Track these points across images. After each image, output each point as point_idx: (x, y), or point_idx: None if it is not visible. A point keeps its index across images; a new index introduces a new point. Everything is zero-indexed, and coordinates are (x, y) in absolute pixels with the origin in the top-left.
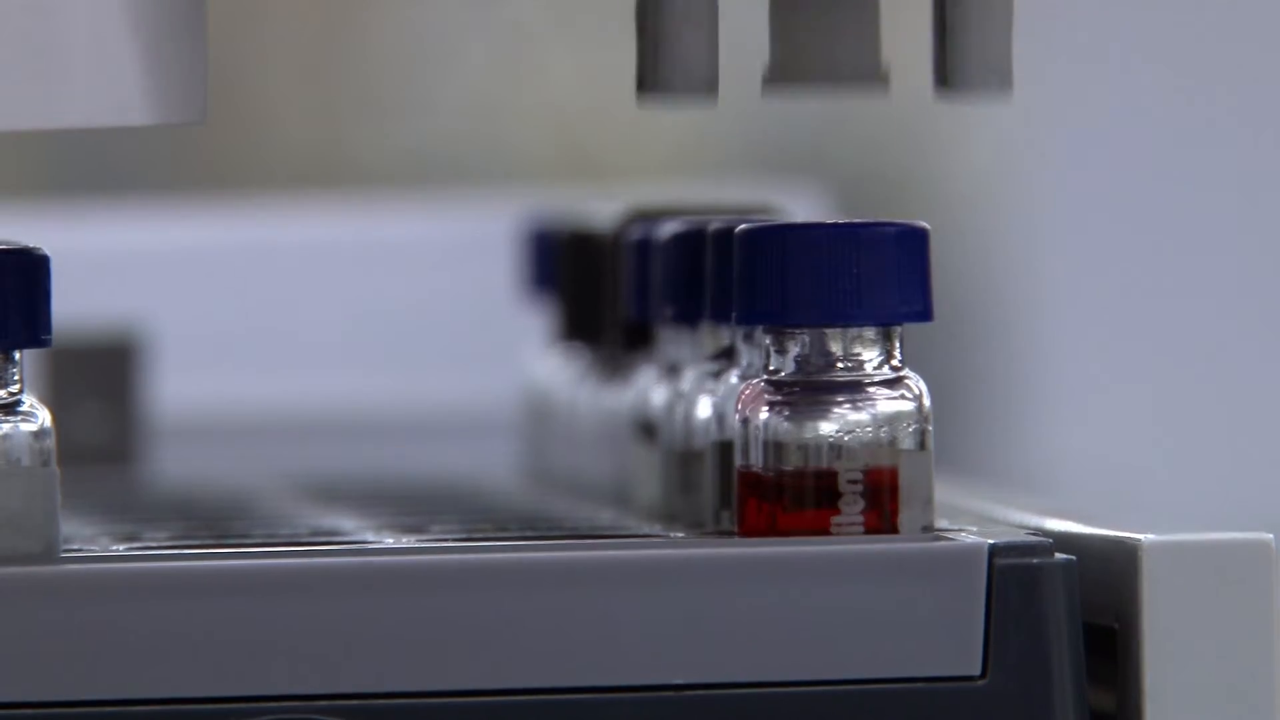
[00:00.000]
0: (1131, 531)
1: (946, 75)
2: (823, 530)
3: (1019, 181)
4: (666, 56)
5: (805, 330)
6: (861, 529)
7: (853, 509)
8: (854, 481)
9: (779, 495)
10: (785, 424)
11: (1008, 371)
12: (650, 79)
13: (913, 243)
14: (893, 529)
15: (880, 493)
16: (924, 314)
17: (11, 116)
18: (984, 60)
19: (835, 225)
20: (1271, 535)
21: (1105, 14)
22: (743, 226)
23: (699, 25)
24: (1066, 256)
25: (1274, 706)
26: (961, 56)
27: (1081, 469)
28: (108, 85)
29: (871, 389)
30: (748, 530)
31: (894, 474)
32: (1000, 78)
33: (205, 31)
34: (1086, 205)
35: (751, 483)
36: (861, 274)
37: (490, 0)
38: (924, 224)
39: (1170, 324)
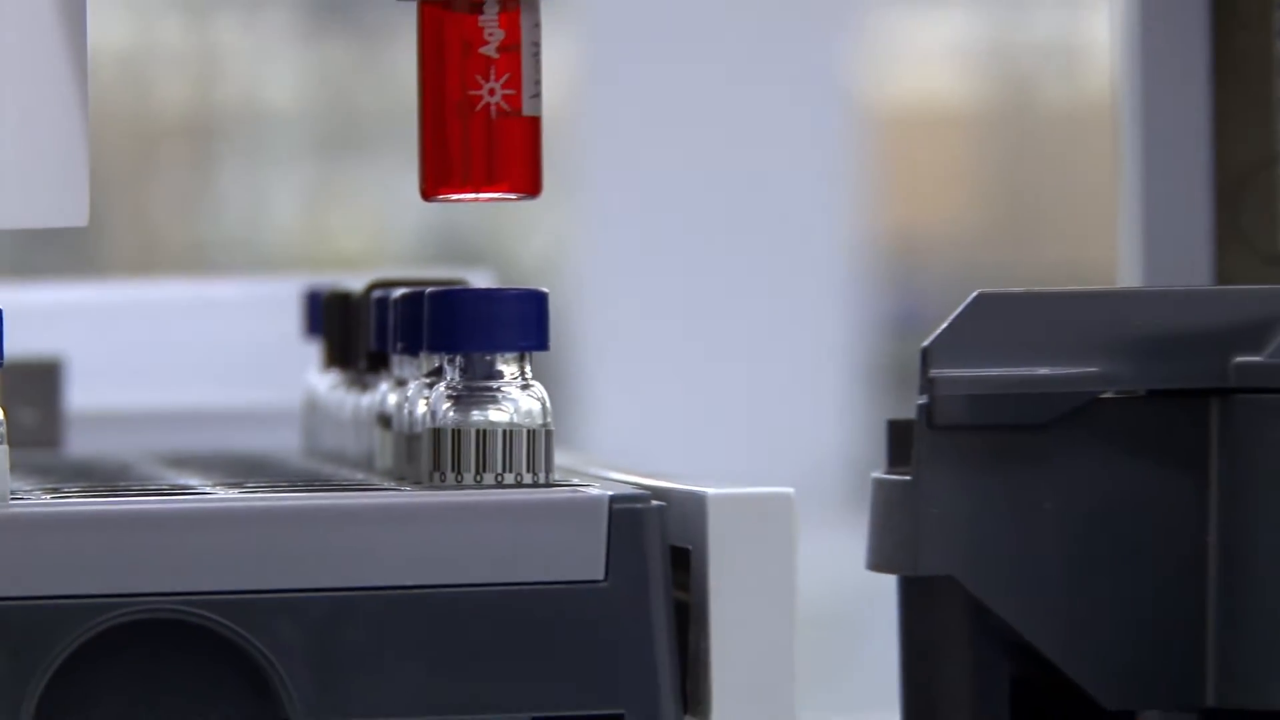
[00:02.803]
0: (701, 487)
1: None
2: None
3: (574, 258)
4: None
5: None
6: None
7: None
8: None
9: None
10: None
11: (579, 382)
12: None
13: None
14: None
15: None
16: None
17: None
18: None
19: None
20: (793, 489)
21: None
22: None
23: None
24: (608, 303)
25: (792, 602)
26: None
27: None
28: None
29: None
30: None
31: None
32: None
33: (86, 139)
34: (617, 268)
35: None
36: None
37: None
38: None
39: (686, 332)
